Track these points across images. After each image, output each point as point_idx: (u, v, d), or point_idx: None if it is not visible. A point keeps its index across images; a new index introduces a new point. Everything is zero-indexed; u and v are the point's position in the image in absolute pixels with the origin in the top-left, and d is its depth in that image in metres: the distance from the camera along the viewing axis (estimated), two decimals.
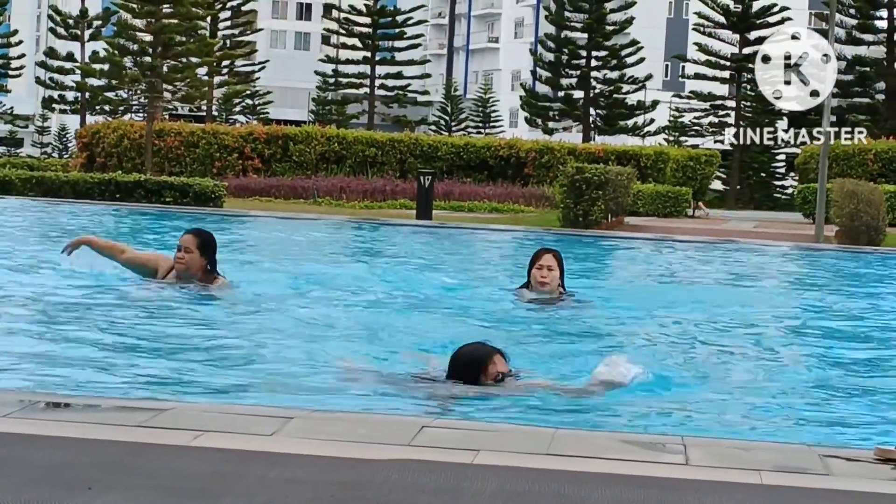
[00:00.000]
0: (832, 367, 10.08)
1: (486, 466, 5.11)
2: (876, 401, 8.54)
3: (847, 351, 11.24)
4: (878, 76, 61.24)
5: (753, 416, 7.72)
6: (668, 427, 6.95)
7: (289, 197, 40.33)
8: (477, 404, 7.36)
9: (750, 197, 63.95)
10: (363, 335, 10.42)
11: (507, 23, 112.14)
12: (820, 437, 7.05)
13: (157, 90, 47.79)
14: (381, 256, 21.68)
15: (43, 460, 4.93)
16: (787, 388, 8.87)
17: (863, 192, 29.68)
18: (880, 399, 8.61)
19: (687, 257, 24.57)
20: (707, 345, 11.11)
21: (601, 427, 6.83)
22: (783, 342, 11.72)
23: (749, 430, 7.20)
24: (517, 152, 45.73)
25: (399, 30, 73.80)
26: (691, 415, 7.61)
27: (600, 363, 7.99)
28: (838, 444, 6.66)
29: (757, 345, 11.35)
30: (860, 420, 7.85)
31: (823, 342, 12.09)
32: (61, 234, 19.98)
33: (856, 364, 10.34)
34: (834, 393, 8.82)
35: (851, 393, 8.86)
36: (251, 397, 7.52)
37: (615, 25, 65.38)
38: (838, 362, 10.46)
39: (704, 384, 8.96)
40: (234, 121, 78.67)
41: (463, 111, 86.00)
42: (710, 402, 8.12)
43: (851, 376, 9.61)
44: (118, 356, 8.72)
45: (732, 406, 8.05)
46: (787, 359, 10.58)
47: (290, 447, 5.31)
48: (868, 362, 10.48)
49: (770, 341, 11.64)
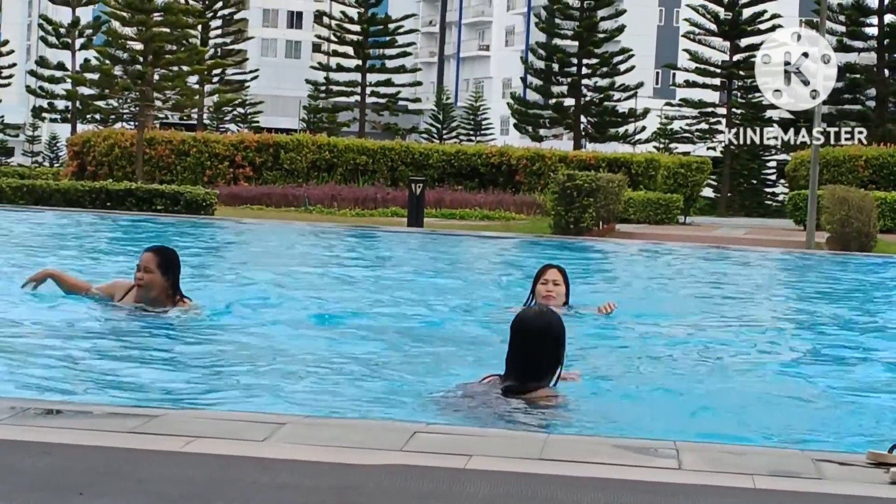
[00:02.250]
0: (824, 372, 10.08)
1: (479, 471, 5.11)
2: (868, 405, 8.54)
3: (839, 356, 11.25)
4: (868, 83, 61.30)
5: (746, 421, 7.72)
6: (660, 431, 6.95)
7: (280, 205, 40.29)
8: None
9: (741, 204, 64.00)
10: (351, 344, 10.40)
11: (498, 31, 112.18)
12: (812, 442, 7.06)
13: (147, 99, 47.73)
14: (372, 264, 21.66)
15: (34, 466, 4.92)
16: (779, 393, 8.88)
17: (854, 198, 29.71)
18: (872, 403, 8.62)
19: (678, 264, 24.59)
20: (699, 350, 11.11)
21: (594, 432, 6.83)
22: (774, 348, 11.73)
23: (742, 434, 7.19)
24: (508, 160, 45.71)
25: (390, 38, 73.79)
26: (684, 419, 7.61)
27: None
28: (831, 448, 6.66)
29: (748, 350, 11.36)
30: (852, 424, 7.85)
31: (814, 347, 12.11)
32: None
33: (848, 369, 10.35)
34: (826, 397, 8.82)
35: (843, 397, 8.87)
36: (240, 406, 7.51)
37: (606, 33, 65.36)
38: (830, 367, 10.47)
39: (697, 389, 8.97)
40: (225, 129, 78.58)
41: (454, 119, 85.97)
42: (702, 407, 8.12)
43: (843, 381, 9.62)
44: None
45: (725, 410, 8.05)
46: (779, 364, 10.59)
47: (282, 453, 5.30)
48: (860, 367, 10.49)
49: (761, 347, 11.65)
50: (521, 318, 7.68)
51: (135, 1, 48.16)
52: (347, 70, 73.56)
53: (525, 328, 7.52)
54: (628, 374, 9.48)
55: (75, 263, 16.64)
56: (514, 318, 7.72)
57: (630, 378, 9.28)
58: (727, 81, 64.79)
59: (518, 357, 7.50)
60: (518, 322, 7.61)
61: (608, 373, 9.33)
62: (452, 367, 9.17)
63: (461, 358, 9.83)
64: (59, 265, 14.38)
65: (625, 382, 9.01)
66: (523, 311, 8.02)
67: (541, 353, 7.49)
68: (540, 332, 7.50)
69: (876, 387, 9.39)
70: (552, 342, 7.51)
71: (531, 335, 7.48)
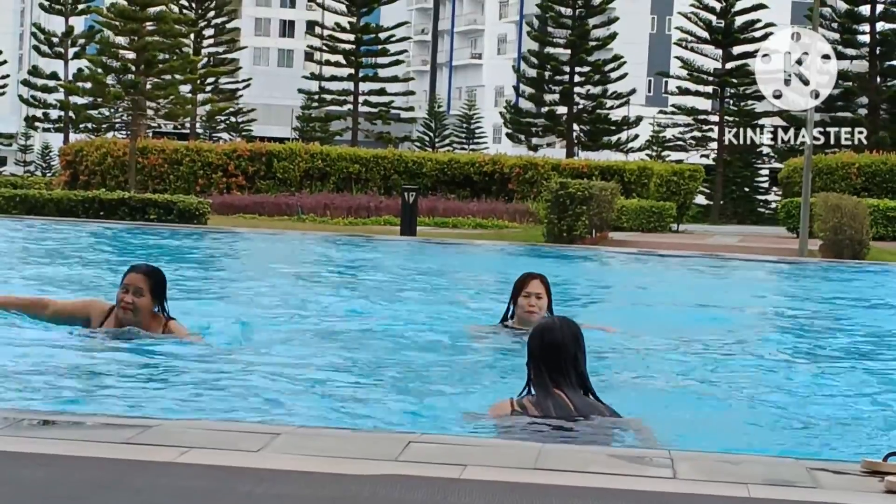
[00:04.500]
0: (819, 381, 10.09)
1: (474, 481, 5.10)
2: (862, 413, 8.55)
3: (832, 364, 11.26)
4: (861, 91, 61.37)
5: (741, 430, 7.73)
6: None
7: (273, 214, 40.31)
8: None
9: (733, 211, 64.02)
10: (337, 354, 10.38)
11: (490, 39, 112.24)
12: (807, 450, 7.06)
13: (140, 108, 47.71)
14: (363, 273, 21.66)
15: (29, 478, 4.91)
16: (774, 402, 8.88)
17: (846, 205, 29.73)
18: (867, 411, 8.62)
19: (670, 272, 24.60)
20: (691, 359, 11.11)
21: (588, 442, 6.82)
22: (768, 356, 11.73)
23: (737, 443, 7.19)
24: (501, 168, 45.75)
25: (382, 47, 73.78)
26: (678, 428, 7.61)
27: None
28: (826, 456, 6.66)
29: (742, 359, 11.36)
30: (847, 433, 7.86)
31: (808, 355, 12.11)
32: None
33: (843, 376, 10.35)
34: (821, 406, 8.83)
35: (838, 405, 8.87)
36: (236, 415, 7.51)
37: (598, 41, 65.41)
38: (824, 376, 10.47)
39: (690, 398, 8.97)
40: (217, 138, 78.56)
41: (447, 127, 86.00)
42: (697, 416, 8.12)
43: (838, 389, 9.62)
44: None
45: (719, 419, 8.06)
46: (773, 372, 10.59)
47: (277, 463, 5.30)
48: (854, 375, 10.49)
49: (755, 355, 11.65)
50: (543, 328, 7.23)
51: (127, 10, 48.18)
52: (340, 79, 73.57)
53: (555, 340, 7.08)
54: (623, 385, 9.47)
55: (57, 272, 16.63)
56: (535, 332, 7.22)
57: (625, 389, 9.28)
58: (719, 89, 64.84)
59: (554, 369, 7.06)
60: (544, 334, 7.15)
61: (603, 382, 9.32)
62: (440, 379, 9.16)
63: (448, 368, 9.83)
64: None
65: (622, 393, 9.00)
66: (544, 323, 7.38)
67: (573, 361, 7.10)
68: (567, 340, 7.09)
69: (870, 395, 9.40)
70: (579, 350, 7.13)
71: (560, 346, 7.06)
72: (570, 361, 7.09)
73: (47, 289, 14.14)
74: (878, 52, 61.34)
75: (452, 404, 8.03)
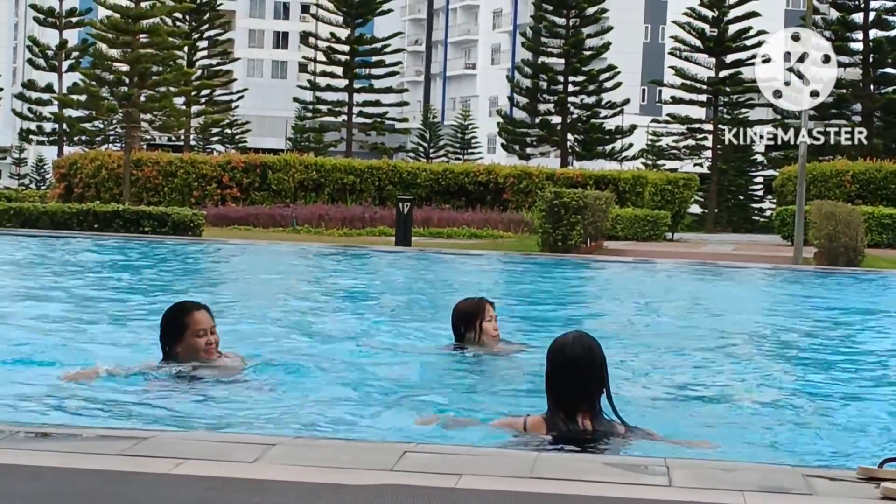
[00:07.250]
0: (814, 388, 10.09)
1: (470, 490, 5.10)
2: (858, 420, 8.54)
3: (828, 371, 11.26)
4: (854, 98, 61.47)
5: (736, 437, 7.72)
6: (649, 448, 6.94)
7: (267, 225, 40.30)
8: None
9: (728, 220, 64.14)
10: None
11: (484, 49, 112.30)
12: (803, 457, 7.05)
13: (134, 120, 47.72)
14: (357, 284, 21.65)
15: (24, 490, 4.90)
16: (769, 409, 8.88)
17: (841, 213, 29.74)
18: (862, 418, 8.62)
19: (666, 281, 24.60)
20: (688, 367, 11.11)
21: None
22: (764, 364, 11.73)
23: (732, 450, 7.19)
24: (496, 178, 45.76)
25: (377, 58, 73.86)
26: (673, 436, 7.60)
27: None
28: (821, 464, 6.66)
29: (737, 366, 11.36)
30: (843, 439, 7.85)
31: (803, 363, 12.11)
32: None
33: (838, 384, 10.35)
34: (816, 412, 8.83)
35: (833, 412, 8.87)
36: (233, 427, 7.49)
37: (592, 51, 65.51)
38: (819, 382, 10.47)
39: (686, 406, 8.96)
40: (211, 150, 78.63)
41: (441, 138, 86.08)
42: (693, 424, 8.11)
43: (833, 396, 9.62)
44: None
45: (715, 427, 8.05)
46: (769, 380, 10.59)
47: (272, 474, 5.29)
48: (850, 382, 10.49)
49: (751, 363, 11.65)
50: (561, 345, 7.07)
51: (121, 23, 48.19)
52: (334, 90, 73.62)
53: (577, 357, 6.96)
54: (616, 393, 9.45)
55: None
56: (556, 348, 7.07)
57: (618, 398, 9.25)
58: (713, 97, 64.95)
59: (570, 387, 6.95)
60: (564, 350, 7.02)
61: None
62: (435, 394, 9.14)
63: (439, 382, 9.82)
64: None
65: (616, 402, 8.98)
66: (564, 339, 7.15)
67: (590, 378, 7.00)
68: (587, 357, 7.01)
69: (866, 402, 9.40)
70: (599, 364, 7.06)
71: (581, 363, 6.96)
72: (594, 380, 7.00)
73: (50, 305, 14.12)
74: (872, 60, 61.46)
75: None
